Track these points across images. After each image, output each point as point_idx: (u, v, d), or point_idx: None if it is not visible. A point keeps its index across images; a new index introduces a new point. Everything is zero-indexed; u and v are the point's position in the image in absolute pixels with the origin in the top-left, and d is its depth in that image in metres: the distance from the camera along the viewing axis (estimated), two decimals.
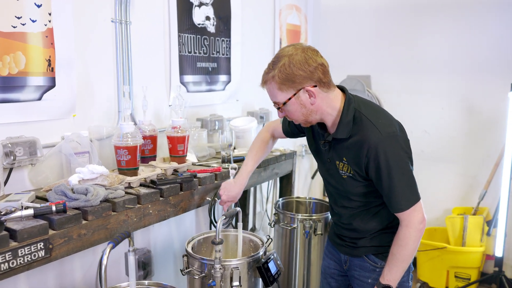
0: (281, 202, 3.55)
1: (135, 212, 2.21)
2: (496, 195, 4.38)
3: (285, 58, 2.00)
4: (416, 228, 2.02)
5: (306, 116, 2.08)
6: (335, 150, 2.14)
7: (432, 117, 4.80)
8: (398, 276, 2.08)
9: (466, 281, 4.37)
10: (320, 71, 2.00)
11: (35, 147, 2.19)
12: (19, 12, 2.16)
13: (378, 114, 2.10)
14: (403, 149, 2.02)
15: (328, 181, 2.30)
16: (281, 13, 4.47)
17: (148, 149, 2.72)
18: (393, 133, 2.01)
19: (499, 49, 4.44)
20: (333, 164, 2.17)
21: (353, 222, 2.24)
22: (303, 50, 2.01)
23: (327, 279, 2.53)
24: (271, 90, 2.09)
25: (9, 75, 2.15)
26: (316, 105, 2.04)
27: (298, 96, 2.02)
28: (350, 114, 2.06)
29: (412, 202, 2.02)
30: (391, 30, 4.99)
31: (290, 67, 1.98)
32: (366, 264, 2.25)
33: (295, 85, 2.00)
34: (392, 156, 1.98)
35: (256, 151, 2.63)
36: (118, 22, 2.71)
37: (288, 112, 2.10)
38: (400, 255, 2.05)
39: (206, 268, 2.32)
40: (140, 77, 2.89)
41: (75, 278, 2.59)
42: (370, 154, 1.98)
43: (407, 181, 2.02)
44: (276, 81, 2.02)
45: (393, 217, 2.14)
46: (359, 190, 2.14)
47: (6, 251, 1.65)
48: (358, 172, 2.07)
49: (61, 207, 1.87)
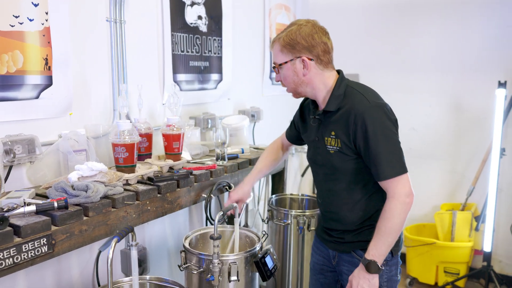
0: (274, 199, 3.60)
1: (134, 209, 2.23)
2: (484, 191, 4.45)
3: (295, 26, 2.18)
4: (402, 201, 2.04)
5: (296, 85, 2.24)
6: (324, 126, 2.23)
7: (421, 114, 4.86)
8: (383, 251, 2.08)
9: (455, 276, 4.44)
10: (321, 48, 2.16)
11: (34, 145, 2.21)
12: (17, 11, 2.18)
13: (370, 89, 2.24)
14: (390, 120, 2.10)
15: (316, 162, 2.35)
16: (270, 12, 4.51)
17: (144, 146, 2.74)
18: (381, 104, 2.12)
19: (486, 47, 4.51)
20: (321, 141, 2.25)
21: (340, 211, 2.27)
22: (313, 25, 2.18)
23: (316, 276, 2.55)
24: (275, 50, 2.24)
25: (8, 73, 2.17)
26: (308, 77, 2.20)
27: (294, 63, 2.18)
28: (342, 89, 2.19)
29: (398, 171, 2.05)
30: (380, 28, 5.04)
31: (296, 34, 2.14)
32: (354, 260, 2.27)
33: (294, 52, 2.16)
34: (379, 123, 2.05)
35: (266, 155, 2.78)
36: (113, 21, 2.73)
37: (283, 76, 2.25)
38: (386, 228, 2.05)
39: (204, 263, 2.36)
40: (135, 76, 2.91)
41: (72, 275, 2.61)
42: (357, 121, 2.06)
43: (393, 150, 2.08)
44: (280, 43, 2.19)
45: (378, 207, 2.15)
46: (347, 166, 2.18)
47: (10, 247, 1.68)
48: (346, 143, 2.13)
49: (63, 203, 1.89)
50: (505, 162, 4.36)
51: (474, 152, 4.66)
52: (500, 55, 4.45)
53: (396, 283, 2.30)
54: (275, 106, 4.61)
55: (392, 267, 2.26)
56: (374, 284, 2.10)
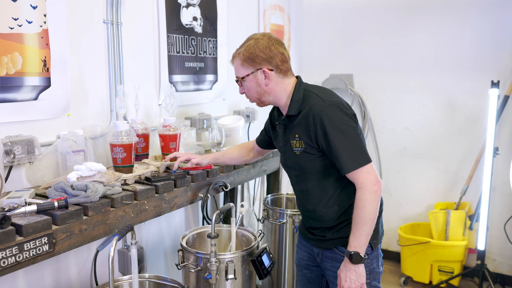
0: (270, 198, 3.63)
1: (132, 208, 2.26)
2: (478, 190, 4.49)
3: (252, 40, 2.30)
4: (370, 190, 2.11)
5: (260, 95, 2.35)
6: (289, 130, 2.33)
7: (414, 114, 4.89)
8: (363, 241, 2.14)
9: (449, 275, 4.47)
10: (279, 58, 2.28)
11: (33, 146, 2.23)
12: (16, 14, 2.21)
13: (326, 90, 2.33)
14: (347, 115, 2.18)
15: (287, 165, 2.44)
16: (265, 13, 4.54)
17: (141, 147, 2.77)
18: (336, 102, 2.21)
19: (479, 47, 4.55)
20: (288, 145, 2.34)
21: (317, 208, 2.33)
22: (269, 38, 2.30)
23: (302, 271, 2.61)
24: (236, 65, 2.37)
25: (7, 75, 2.19)
26: (269, 87, 2.31)
27: (256, 75, 2.29)
28: (301, 93, 2.29)
29: (360, 162, 2.12)
30: (374, 29, 5.07)
31: (254, 48, 2.26)
32: (336, 256, 2.34)
33: (255, 65, 2.28)
34: (336, 120, 2.14)
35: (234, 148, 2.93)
36: (110, 23, 2.76)
37: (246, 88, 2.37)
38: (360, 218, 2.12)
39: (202, 262, 2.39)
40: (131, 77, 2.94)
41: (70, 274, 2.63)
42: (316, 121, 2.16)
43: (353, 142, 2.14)
44: (240, 57, 2.31)
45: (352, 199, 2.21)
46: (313, 165, 2.26)
47: (12, 246, 1.70)
48: (309, 143, 2.22)
49: (63, 203, 1.92)
50: (498, 161, 4.40)
51: (467, 152, 4.70)
52: (493, 55, 4.48)
53: (378, 275, 2.37)
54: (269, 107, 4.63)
55: (373, 260, 2.33)
56: (361, 274, 2.17)
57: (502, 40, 4.42)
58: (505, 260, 4.64)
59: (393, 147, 5.01)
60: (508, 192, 4.32)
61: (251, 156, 2.88)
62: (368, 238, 2.16)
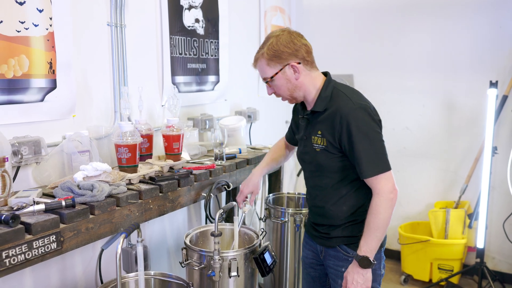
0: (272, 197, 3.67)
1: (137, 207, 2.31)
2: (477, 189, 4.54)
3: (273, 38, 2.27)
4: (386, 197, 2.14)
5: (291, 91, 2.32)
6: (312, 125, 2.33)
7: (414, 114, 4.93)
8: (373, 246, 2.19)
9: (449, 273, 4.51)
10: (304, 50, 2.27)
11: (40, 146, 2.27)
12: (23, 17, 2.25)
13: (355, 91, 2.33)
14: (374, 120, 2.20)
15: (304, 160, 2.45)
16: (266, 14, 4.58)
17: (145, 147, 2.81)
18: (365, 105, 2.21)
19: (478, 47, 4.59)
20: (309, 140, 2.35)
21: (325, 205, 2.36)
22: (289, 32, 2.28)
23: (306, 269, 2.65)
24: (261, 66, 2.33)
25: (14, 77, 2.24)
26: (299, 81, 2.29)
27: (284, 71, 2.26)
28: (329, 91, 2.29)
29: (381, 169, 2.16)
30: (373, 29, 5.11)
31: (278, 44, 2.23)
32: (339, 254, 2.37)
33: (282, 61, 2.25)
34: (363, 124, 2.16)
35: (274, 151, 2.87)
36: (114, 26, 2.80)
37: (276, 87, 2.34)
38: (373, 224, 2.16)
39: (205, 260, 2.44)
40: (135, 78, 2.98)
41: (76, 273, 2.68)
42: (343, 122, 2.16)
43: (376, 149, 2.18)
44: (265, 57, 2.28)
45: (363, 201, 2.28)
46: (332, 164, 2.28)
47: (22, 243, 1.75)
48: (331, 142, 2.23)
49: (70, 202, 1.96)
50: (497, 160, 4.44)
51: (467, 151, 4.74)
52: (491, 56, 4.53)
53: (380, 277, 2.40)
54: (270, 107, 4.69)
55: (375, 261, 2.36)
56: (368, 278, 2.21)
57: (501, 40, 4.47)
58: (504, 258, 4.68)
59: (393, 146, 5.03)
60: (506, 190, 4.35)
61: (288, 153, 2.88)
62: (378, 244, 2.21)
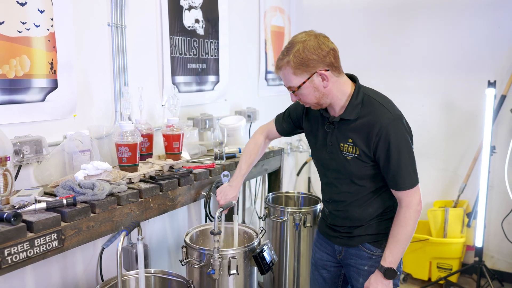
0: (271, 196, 3.70)
1: (138, 206, 2.33)
2: (475, 188, 4.55)
3: (299, 44, 2.10)
4: (415, 209, 2.16)
5: (318, 99, 2.19)
6: (340, 132, 2.25)
7: (413, 114, 4.92)
8: (398, 257, 2.20)
9: (448, 271, 4.53)
10: (332, 55, 2.13)
11: (41, 146, 2.30)
12: (24, 18, 2.27)
13: (385, 98, 2.27)
14: (408, 132, 2.18)
15: (328, 166, 2.37)
16: (265, 15, 4.60)
17: (145, 146, 2.83)
18: (401, 116, 2.18)
19: (476, 47, 4.61)
20: (335, 146, 2.28)
21: (350, 209, 2.34)
22: (315, 36, 2.13)
23: (319, 271, 2.62)
24: (286, 75, 2.17)
25: (16, 77, 2.26)
26: (328, 89, 2.16)
27: (312, 80, 2.13)
28: (360, 98, 2.20)
29: (414, 182, 2.17)
30: (372, 30, 5.13)
31: (304, 52, 2.08)
32: (362, 253, 2.36)
33: (309, 69, 2.10)
34: (401, 137, 2.13)
35: (249, 154, 2.75)
36: (114, 26, 2.82)
37: (302, 95, 2.20)
38: (401, 236, 2.17)
39: (205, 258, 2.46)
40: (135, 78, 3.01)
41: (77, 271, 2.70)
42: (381, 133, 2.11)
43: (412, 162, 2.18)
44: (291, 66, 2.11)
45: (388, 204, 2.29)
46: (363, 172, 2.25)
47: (24, 241, 1.77)
48: (365, 152, 2.18)
49: (72, 200, 1.99)
50: (495, 159, 4.47)
51: (465, 150, 4.76)
52: (490, 56, 4.55)
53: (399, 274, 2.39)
54: (270, 107, 4.71)
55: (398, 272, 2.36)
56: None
57: (499, 40, 4.49)
58: (503, 257, 4.70)
59: None
60: (505, 190, 4.37)
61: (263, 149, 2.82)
62: (402, 255, 2.23)
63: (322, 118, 2.36)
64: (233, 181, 2.72)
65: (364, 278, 2.35)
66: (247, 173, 2.77)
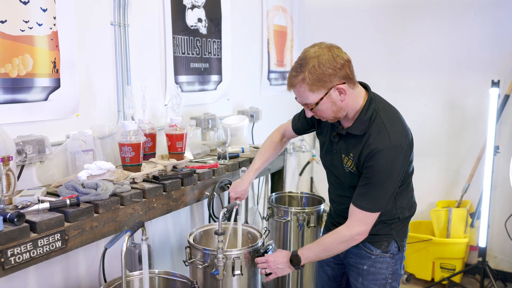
0: (274, 196, 3.68)
1: (141, 206, 2.32)
2: (479, 188, 4.55)
3: (313, 59, 2.03)
4: (351, 237, 2.18)
5: (335, 113, 2.14)
6: (345, 143, 2.24)
7: (416, 113, 4.92)
8: (311, 256, 2.27)
9: (451, 272, 4.52)
10: (347, 67, 2.08)
11: (44, 145, 2.28)
12: (27, 16, 2.25)
13: (395, 122, 2.19)
14: (400, 162, 2.12)
15: (331, 171, 2.42)
16: (268, 14, 4.59)
17: (148, 146, 2.81)
18: (401, 145, 2.11)
19: (479, 47, 4.60)
20: (339, 156, 2.28)
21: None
22: (328, 49, 2.06)
23: (323, 267, 2.66)
24: (301, 92, 2.11)
25: (18, 76, 2.24)
26: (345, 102, 2.11)
27: (329, 95, 2.07)
28: (369, 114, 2.15)
29: (372, 208, 2.15)
30: (374, 29, 5.12)
31: (320, 67, 2.01)
32: (362, 252, 2.37)
33: (326, 84, 2.04)
34: (388, 165, 2.09)
35: (264, 151, 2.78)
36: (117, 25, 2.80)
37: (319, 111, 2.15)
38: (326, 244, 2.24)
39: (209, 258, 2.44)
40: (138, 78, 2.99)
41: (79, 272, 2.68)
42: (372, 155, 2.09)
43: (387, 192, 2.14)
44: (307, 83, 2.05)
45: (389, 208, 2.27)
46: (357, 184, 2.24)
47: (27, 242, 1.76)
48: (358, 168, 2.19)
49: (75, 200, 1.97)
50: (499, 159, 4.45)
51: (468, 150, 4.75)
52: (493, 55, 4.54)
53: (399, 276, 2.42)
54: (273, 106, 4.69)
55: (397, 261, 2.37)
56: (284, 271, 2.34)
57: (502, 39, 4.48)
58: (506, 257, 4.69)
59: None
60: (508, 190, 4.35)
61: (281, 148, 2.82)
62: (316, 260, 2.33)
63: (332, 125, 2.35)
64: (245, 175, 2.77)
65: (364, 278, 2.38)
66: (261, 169, 2.79)
